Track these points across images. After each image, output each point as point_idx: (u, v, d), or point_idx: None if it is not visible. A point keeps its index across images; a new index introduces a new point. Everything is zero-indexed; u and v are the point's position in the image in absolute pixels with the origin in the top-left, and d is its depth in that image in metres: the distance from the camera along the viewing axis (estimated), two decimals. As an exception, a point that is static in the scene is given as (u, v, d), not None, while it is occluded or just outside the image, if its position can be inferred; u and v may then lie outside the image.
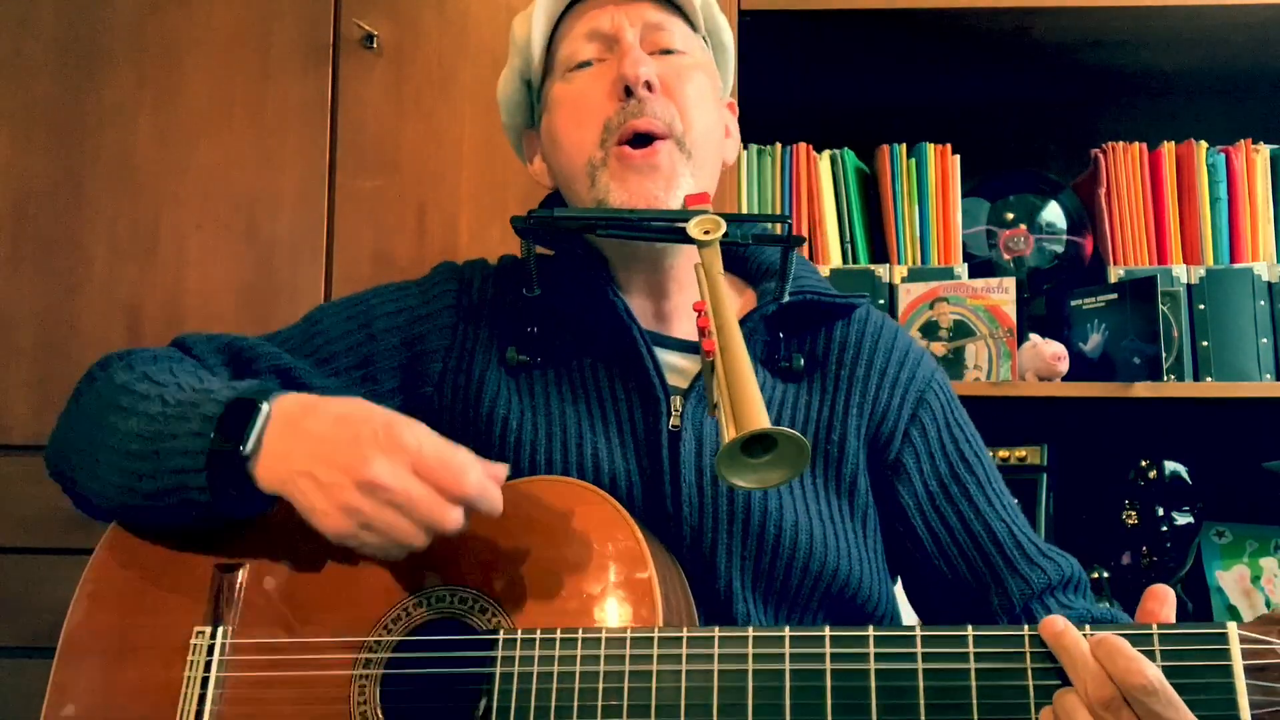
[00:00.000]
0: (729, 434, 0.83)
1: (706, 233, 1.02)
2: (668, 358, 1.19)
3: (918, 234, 2.00)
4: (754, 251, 1.28)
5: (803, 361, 1.20)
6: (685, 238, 1.03)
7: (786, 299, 1.16)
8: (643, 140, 1.15)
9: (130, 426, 1.03)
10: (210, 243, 2.00)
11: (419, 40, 2.03)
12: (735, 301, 1.26)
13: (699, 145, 1.17)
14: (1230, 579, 1.96)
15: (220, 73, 2.03)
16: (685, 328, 1.23)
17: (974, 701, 0.89)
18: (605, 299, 1.17)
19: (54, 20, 2.04)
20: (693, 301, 1.03)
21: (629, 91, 1.15)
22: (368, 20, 2.01)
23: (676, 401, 1.14)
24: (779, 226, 1.11)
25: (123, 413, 1.04)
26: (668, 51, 1.20)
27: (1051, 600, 1.15)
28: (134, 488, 1.03)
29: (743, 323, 1.16)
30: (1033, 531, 1.21)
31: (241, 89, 2.02)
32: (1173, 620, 0.91)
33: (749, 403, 0.83)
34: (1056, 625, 0.88)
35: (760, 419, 0.82)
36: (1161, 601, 0.92)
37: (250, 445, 0.98)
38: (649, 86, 1.15)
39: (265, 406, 0.99)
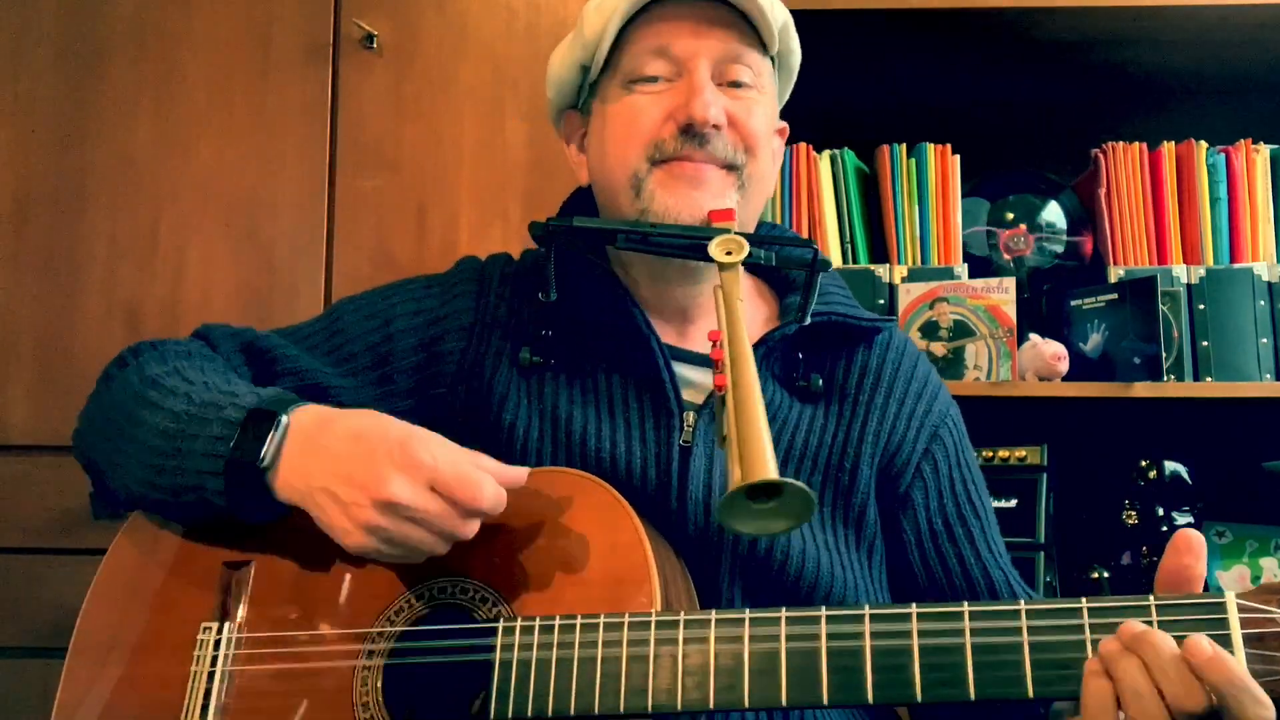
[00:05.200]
0: (734, 478, 0.81)
1: (729, 253, 1.01)
2: (685, 372, 1.18)
3: (918, 234, 1.99)
4: (784, 258, 1.25)
5: (821, 382, 1.18)
6: (706, 256, 1.02)
7: (809, 321, 1.14)
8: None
9: (156, 421, 1.05)
10: (210, 243, 2.00)
11: (419, 40, 2.03)
12: (758, 313, 1.24)
13: (753, 182, 1.17)
14: (1230, 579, 1.96)
15: (220, 72, 2.03)
16: (705, 342, 1.19)
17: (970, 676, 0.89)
18: (625, 309, 1.17)
19: (54, 20, 2.04)
20: (715, 316, 1.02)
21: (689, 128, 1.12)
22: (368, 20, 2.01)
23: (690, 417, 1.14)
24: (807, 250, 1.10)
25: (151, 407, 1.07)
26: (737, 84, 1.16)
27: None
28: (155, 482, 1.05)
29: (762, 342, 1.15)
30: (1018, 576, 1.21)
31: (241, 88, 2.02)
32: (1203, 571, 0.90)
33: (756, 449, 0.82)
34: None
35: (767, 468, 0.80)
36: (1196, 555, 0.90)
37: (268, 458, 0.99)
38: (716, 126, 1.13)
39: (284, 418, 1.01)
